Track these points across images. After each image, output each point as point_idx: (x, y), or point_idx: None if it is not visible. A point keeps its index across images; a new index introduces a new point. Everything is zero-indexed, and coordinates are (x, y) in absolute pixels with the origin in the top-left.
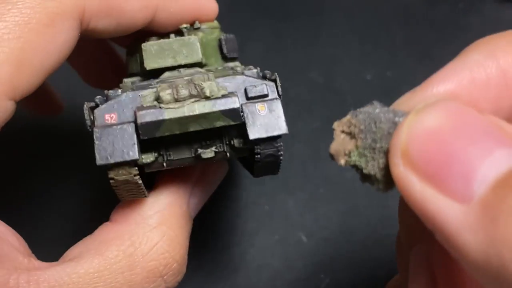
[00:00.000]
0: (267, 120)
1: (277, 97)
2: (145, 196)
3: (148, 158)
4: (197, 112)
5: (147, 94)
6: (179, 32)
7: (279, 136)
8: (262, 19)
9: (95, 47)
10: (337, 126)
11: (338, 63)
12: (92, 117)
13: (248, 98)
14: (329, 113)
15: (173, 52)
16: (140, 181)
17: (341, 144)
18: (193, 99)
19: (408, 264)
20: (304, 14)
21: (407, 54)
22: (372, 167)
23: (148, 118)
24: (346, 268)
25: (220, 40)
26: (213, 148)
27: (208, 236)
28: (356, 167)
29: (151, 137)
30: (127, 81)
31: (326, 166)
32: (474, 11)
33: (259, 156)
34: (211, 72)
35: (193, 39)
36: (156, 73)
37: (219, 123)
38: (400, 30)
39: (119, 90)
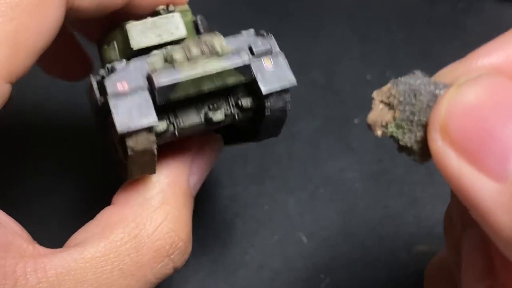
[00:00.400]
0: (276, 74)
1: (280, 51)
2: (154, 172)
3: (162, 125)
4: (211, 69)
5: (155, 61)
6: (155, 15)
7: (288, 89)
8: (262, 19)
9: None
10: (376, 95)
11: (338, 63)
12: (100, 90)
13: (253, 55)
14: (329, 113)
15: (158, 30)
16: (156, 151)
17: (379, 114)
18: (205, 57)
19: (457, 242)
20: (304, 14)
21: (407, 54)
22: (409, 139)
23: (164, 79)
24: (346, 268)
25: (195, 22)
26: (223, 110)
27: (208, 236)
28: (392, 138)
29: (166, 100)
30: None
31: (326, 166)
32: (474, 11)
33: (269, 111)
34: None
35: (176, 15)
36: (142, 54)
37: (231, 80)
38: (400, 30)
39: (124, 60)
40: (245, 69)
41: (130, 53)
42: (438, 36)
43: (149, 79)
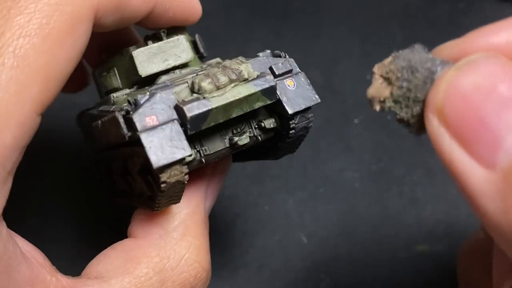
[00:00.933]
0: (299, 93)
1: (300, 71)
2: (179, 201)
3: (190, 156)
4: (241, 95)
5: (181, 90)
6: (156, 38)
7: (310, 107)
8: (262, 19)
9: None
10: (377, 69)
11: (338, 63)
12: (127, 125)
13: (275, 76)
14: (329, 113)
15: (164, 55)
16: (187, 181)
17: (377, 90)
18: (233, 84)
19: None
20: (304, 14)
21: None
22: (406, 114)
23: (196, 111)
24: (346, 268)
25: (194, 42)
26: (247, 134)
27: (208, 236)
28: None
29: (198, 130)
30: (117, 95)
31: (326, 166)
32: (474, 11)
33: (293, 131)
34: (241, 57)
35: (181, 38)
36: (149, 80)
37: (258, 104)
38: (400, 30)
39: (147, 93)
40: (271, 91)
41: (135, 80)
42: (438, 36)
43: (179, 110)
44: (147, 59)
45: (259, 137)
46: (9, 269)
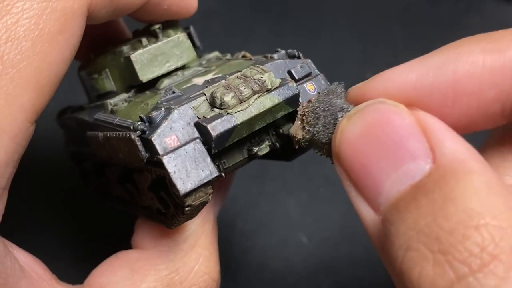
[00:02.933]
0: None
1: (319, 72)
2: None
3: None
4: (265, 108)
5: (199, 105)
6: (150, 34)
7: None
8: (262, 19)
9: None
10: (299, 109)
11: (338, 63)
12: (145, 147)
13: (295, 81)
14: None
15: (166, 56)
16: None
17: (295, 130)
18: (256, 96)
19: None
20: (304, 14)
21: (408, 54)
22: (320, 152)
23: (221, 128)
24: (347, 269)
25: (189, 34)
26: (267, 143)
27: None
28: None
29: (222, 148)
30: (115, 102)
31: (326, 166)
32: (475, 10)
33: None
34: (252, 61)
35: (182, 37)
36: (148, 83)
37: (281, 114)
38: (401, 30)
39: (163, 109)
40: (295, 99)
41: (133, 83)
42: (439, 35)
43: (202, 128)
44: (148, 62)
45: (277, 144)
46: (7, 287)
